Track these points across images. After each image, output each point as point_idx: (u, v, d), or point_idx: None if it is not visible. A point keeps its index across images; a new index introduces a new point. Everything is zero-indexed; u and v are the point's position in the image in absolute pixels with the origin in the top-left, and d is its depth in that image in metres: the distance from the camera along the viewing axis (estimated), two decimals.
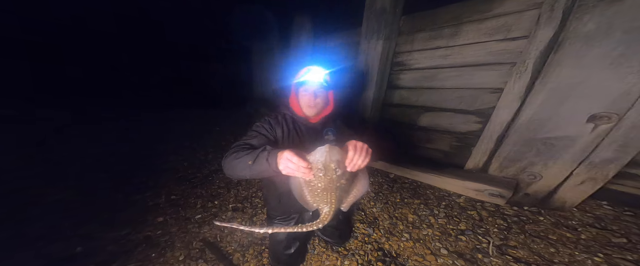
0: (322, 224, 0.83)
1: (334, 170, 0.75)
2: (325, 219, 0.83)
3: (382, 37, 2.14)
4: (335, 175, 0.76)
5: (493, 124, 1.67)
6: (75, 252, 1.61)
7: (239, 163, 0.86)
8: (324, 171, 0.74)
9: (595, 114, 1.23)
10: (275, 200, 1.21)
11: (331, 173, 0.75)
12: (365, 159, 0.76)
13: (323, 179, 0.77)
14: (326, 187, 0.79)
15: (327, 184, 0.78)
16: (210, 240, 1.71)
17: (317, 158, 0.74)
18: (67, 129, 4.20)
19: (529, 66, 1.41)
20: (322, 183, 0.78)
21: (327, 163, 0.73)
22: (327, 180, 0.77)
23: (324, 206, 0.83)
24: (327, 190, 0.80)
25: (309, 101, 1.04)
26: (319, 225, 0.82)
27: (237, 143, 1.00)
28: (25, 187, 2.37)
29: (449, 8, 1.80)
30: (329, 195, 0.81)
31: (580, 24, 1.19)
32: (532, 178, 1.57)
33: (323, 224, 0.83)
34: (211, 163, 3.07)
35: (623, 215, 1.45)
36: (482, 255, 1.31)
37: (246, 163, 0.84)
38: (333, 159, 0.73)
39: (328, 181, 0.77)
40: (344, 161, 0.76)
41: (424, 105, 2.19)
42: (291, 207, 1.24)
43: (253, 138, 1.02)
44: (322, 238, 1.58)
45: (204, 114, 5.62)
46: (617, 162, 1.26)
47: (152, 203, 2.17)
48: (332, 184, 0.78)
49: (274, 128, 1.08)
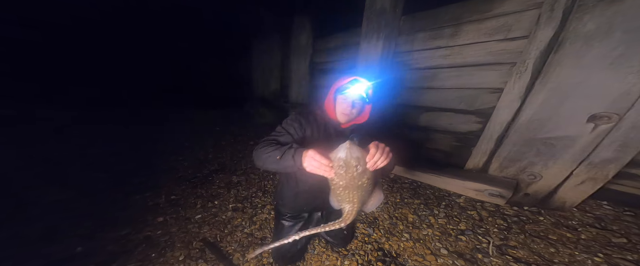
0: (344, 223, 0.85)
1: (355, 167, 0.75)
2: (348, 219, 0.85)
3: (382, 37, 2.14)
4: (356, 172, 0.76)
5: (493, 124, 1.67)
6: (75, 252, 1.61)
7: (268, 157, 0.94)
8: (345, 168, 0.75)
9: (595, 114, 1.23)
10: (292, 196, 1.25)
11: (352, 170, 0.75)
12: (385, 159, 0.77)
13: (344, 177, 0.77)
14: (347, 185, 0.79)
15: (349, 182, 0.78)
16: (210, 240, 1.71)
17: (338, 154, 0.76)
18: (67, 129, 4.20)
19: (529, 66, 1.41)
20: (343, 180, 0.78)
21: (348, 160, 0.74)
22: (348, 178, 0.77)
23: (346, 204, 0.85)
24: (349, 188, 0.80)
25: (345, 109, 1.06)
26: (342, 224, 0.85)
27: (266, 138, 1.06)
28: (25, 187, 2.37)
29: (449, 8, 1.81)
30: (350, 194, 0.82)
31: (580, 24, 1.19)
32: (532, 178, 1.57)
33: (346, 223, 0.85)
34: (211, 163, 3.07)
35: (623, 215, 1.45)
36: (482, 255, 1.31)
37: (275, 158, 0.91)
38: (353, 156, 0.74)
39: (349, 179, 0.77)
40: (365, 159, 0.76)
41: (424, 105, 2.19)
42: (305, 205, 1.28)
43: (281, 135, 1.07)
44: (326, 238, 1.58)
45: (204, 114, 5.62)
46: (617, 162, 1.26)
47: (152, 203, 2.17)
48: (353, 182, 0.78)
49: (304, 127, 1.11)
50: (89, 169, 2.86)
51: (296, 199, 1.26)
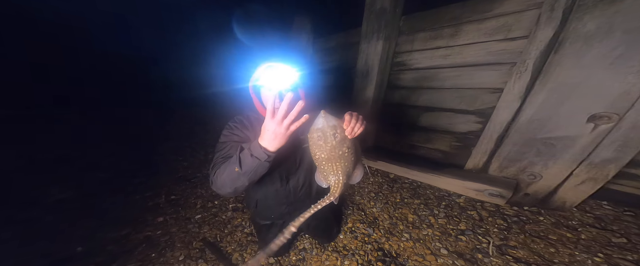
0: (333, 197, 0.84)
1: (333, 135, 0.74)
2: (335, 192, 0.83)
3: (382, 37, 2.14)
4: (335, 141, 0.75)
5: (493, 124, 1.67)
6: (75, 252, 1.61)
7: (227, 177, 0.81)
8: (324, 138, 0.75)
9: (595, 114, 1.23)
10: (253, 206, 1.20)
11: (331, 139, 0.75)
12: (361, 126, 0.77)
13: (324, 148, 0.76)
14: (329, 156, 0.78)
15: (330, 152, 0.77)
16: (210, 240, 1.71)
17: (315, 126, 0.75)
18: (67, 129, 4.20)
19: (529, 66, 1.41)
20: (324, 152, 0.77)
21: (325, 129, 0.74)
22: (329, 148, 0.76)
23: (331, 177, 0.84)
24: (331, 160, 0.79)
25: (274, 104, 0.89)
26: (331, 199, 0.84)
27: (213, 163, 0.93)
28: (25, 187, 2.37)
29: (449, 8, 1.80)
30: (334, 165, 0.81)
31: (580, 24, 1.18)
32: (532, 178, 1.57)
33: (335, 197, 0.84)
34: (211, 163, 3.07)
35: (623, 215, 1.45)
36: (482, 255, 1.31)
37: (234, 172, 0.79)
38: (330, 124, 0.74)
39: (330, 149, 0.77)
40: (342, 127, 0.76)
41: (424, 105, 2.19)
42: (270, 212, 1.22)
43: (229, 149, 0.94)
44: (311, 235, 1.59)
45: (204, 114, 5.62)
46: (617, 162, 1.26)
47: (152, 203, 2.17)
48: (334, 152, 0.77)
49: (243, 131, 1.00)
50: (89, 169, 2.86)
51: (257, 207, 1.19)
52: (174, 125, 4.93)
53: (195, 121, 5.20)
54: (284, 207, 1.21)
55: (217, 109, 5.59)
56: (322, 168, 0.84)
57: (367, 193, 2.05)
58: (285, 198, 1.17)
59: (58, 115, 4.86)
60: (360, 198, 2.01)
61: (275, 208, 1.20)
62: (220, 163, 0.87)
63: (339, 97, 3.01)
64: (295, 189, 1.16)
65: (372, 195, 2.01)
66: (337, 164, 0.80)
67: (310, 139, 0.78)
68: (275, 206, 1.20)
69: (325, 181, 0.87)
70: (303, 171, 1.14)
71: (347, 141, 0.78)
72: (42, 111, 4.91)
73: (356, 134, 0.77)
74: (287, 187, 1.14)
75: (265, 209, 1.21)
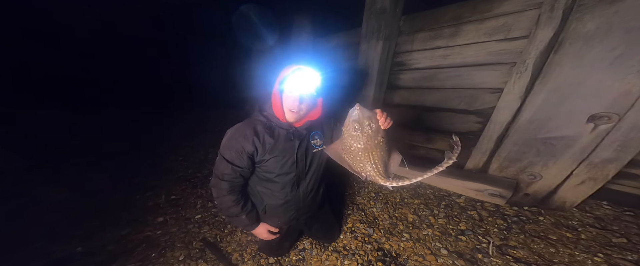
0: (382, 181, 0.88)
1: (369, 125, 0.80)
2: (379, 179, 0.87)
3: (382, 37, 2.14)
4: (371, 131, 0.80)
5: (493, 124, 1.67)
6: (75, 252, 1.61)
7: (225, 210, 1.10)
8: (361, 129, 0.80)
9: (595, 114, 1.23)
10: (261, 212, 1.19)
11: (367, 129, 0.80)
12: (391, 121, 0.85)
13: (361, 138, 0.81)
14: (366, 146, 0.83)
15: (366, 142, 0.82)
16: (210, 240, 1.71)
17: (351, 119, 0.80)
18: (67, 128, 4.20)
19: (529, 66, 1.41)
20: (361, 142, 0.82)
21: (361, 120, 0.80)
22: (365, 138, 0.81)
23: (368, 167, 0.87)
24: (368, 149, 0.84)
25: (292, 105, 0.91)
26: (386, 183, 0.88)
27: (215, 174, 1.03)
28: (26, 187, 2.37)
29: (449, 8, 1.80)
30: (370, 155, 0.85)
31: (580, 24, 1.18)
32: (532, 178, 1.57)
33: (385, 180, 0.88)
34: (211, 163, 3.06)
35: (623, 215, 1.45)
36: (482, 255, 1.31)
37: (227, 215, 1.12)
38: (365, 115, 0.80)
39: (366, 139, 0.82)
40: (376, 117, 0.82)
41: (424, 105, 2.18)
42: (278, 218, 1.22)
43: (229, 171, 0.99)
44: (312, 237, 1.59)
45: (204, 114, 5.62)
46: (617, 162, 1.26)
47: (152, 203, 2.17)
48: (370, 141, 0.82)
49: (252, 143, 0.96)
50: (89, 169, 2.86)
51: (266, 214, 1.20)
52: (174, 125, 4.93)
53: (196, 121, 5.20)
54: (293, 213, 1.21)
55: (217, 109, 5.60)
56: (358, 159, 0.87)
57: (367, 193, 2.05)
58: (294, 204, 1.17)
59: (58, 115, 4.86)
60: (360, 198, 2.01)
61: (283, 213, 1.20)
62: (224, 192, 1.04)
63: (339, 97, 3.01)
64: (304, 194, 1.17)
65: (372, 195, 2.01)
66: (374, 153, 0.85)
67: (346, 131, 0.84)
68: (283, 212, 1.19)
69: (363, 171, 0.90)
70: (312, 175, 1.15)
71: (381, 131, 0.83)
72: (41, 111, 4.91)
73: (388, 126, 0.84)
74: (297, 193, 1.14)
75: (274, 216, 1.20)
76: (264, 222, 1.22)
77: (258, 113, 1.03)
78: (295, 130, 1.02)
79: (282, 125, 1.00)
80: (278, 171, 1.04)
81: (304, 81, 0.88)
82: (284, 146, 1.00)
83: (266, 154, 0.98)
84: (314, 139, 1.08)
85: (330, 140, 1.16)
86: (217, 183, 1.03)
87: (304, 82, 0.88)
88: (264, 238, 1.25)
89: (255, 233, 1.20)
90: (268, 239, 1.24)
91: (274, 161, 1.01)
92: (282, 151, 1.00)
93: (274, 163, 1.01)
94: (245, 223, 1.13)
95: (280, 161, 1.01)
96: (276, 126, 1.00)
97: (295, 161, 1.04)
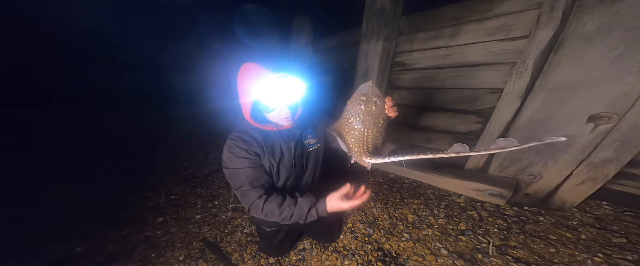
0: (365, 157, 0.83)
1: (374, 102, 0.79)
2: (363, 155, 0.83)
3: (382, 37, 2.14)
4: (375, 107, 0.80)
5: (493, 124, 1.67)
6: (75, 252, 1.61)
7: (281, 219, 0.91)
8: (365, 102, 0.79)
9: (595, 114, 1.23)
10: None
11: (371, 105, 0.79)
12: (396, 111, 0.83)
13: (363, 112, 0.80)
14: (364, 121, 0.81)
15: (366, 117, 0.80)
16: (210, 240, 1.71)
17: (360, 91, 0.81)
18: (67, 128, 4.20)
19: (529, 66, 1.41)
20: (361, 115, 0.80)
21: (370, 95, 0.79)
22: (367, 111, 0.80)
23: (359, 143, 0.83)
24: (365, 124, 0.81)
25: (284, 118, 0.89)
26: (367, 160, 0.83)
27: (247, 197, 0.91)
28: (26, 187, 2.37)
29: (449, 8, 1.80)
30: (366, 131, 0.82)
31: (580, 24, 1.18)
32: (532, 178, 1.57)
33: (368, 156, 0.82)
34: (211, 163, 3.07)
35: (623, 215, 1.45)
36: (482, 255, 1.31)
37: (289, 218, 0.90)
38: (375, 92, 0.80)
39: (367, 113, 0.80)
40: (383, 100, 0.81)
41: (424, 105, 2.18)
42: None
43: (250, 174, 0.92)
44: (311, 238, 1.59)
45: (204, 114, 5.62)
46: (617, 162, 1.26)
47: (152, 203, 2.17)
48: (370, 117, 0.81)
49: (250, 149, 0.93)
50: (89, 169, 2.86)
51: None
52: (174, 125, 4.93)
53: (196, 121, 5.20)
54: None
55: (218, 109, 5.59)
56: (352, 133, 0.83)
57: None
58: None
59: (57, 115, 4.86)
60: None
61: None
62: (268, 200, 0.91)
63: (339, 97, 3.01)
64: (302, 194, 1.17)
65: (372, 195, 2.01)
66: (369, 132, 0.82)
67: (350, 103, 0.82)
68: None
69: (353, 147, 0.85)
70: (310, 175, 1.16)
71: (384, 114, 0.82)
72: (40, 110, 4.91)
73: (393, 114, 0.83)
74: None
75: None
76: (265, 223, 1.22)
77: (245, 121, 0.97)
78: (287, 132, 1.01)
79: (271, 131, 0.99)
80: (278, 175, 1.04)
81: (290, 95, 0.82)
82: (280, 149, 1.01)
83: (266, 159, 0.98)
84: (307, 138, 1.09)
85: (324, 138, 1.17)
86: (250, 198, 0.90)
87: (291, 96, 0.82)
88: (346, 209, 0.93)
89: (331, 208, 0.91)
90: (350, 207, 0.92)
91: (274, 166, 1.01)
92: (278, 154, 1.00)
93: (274, 167, 1.01)
94: (311, 212, 0.91)
95: (279, 165, 1.02)
96: (269, 131, 0.99)
97: (292, 163, 1.05)
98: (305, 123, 1.08)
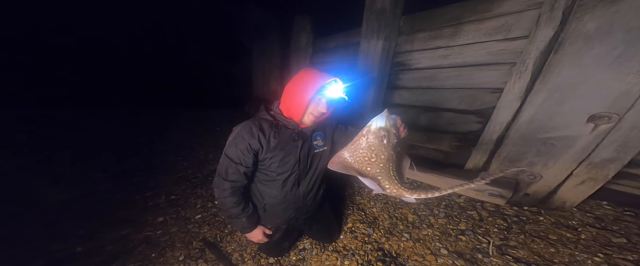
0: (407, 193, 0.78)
1: (395, 135, 0.72)
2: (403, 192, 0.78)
3: (382, 37, 2.14)
4: (395, 140, 0.73)
5: (493, 124, 1.67)
6: (75, 252, 1.61)
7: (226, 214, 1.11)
8: (387, 137, 0.70)
9: (595, 114, 1.23)
10: (261, 210, 1.19)
11: (393, 138, 0.72)
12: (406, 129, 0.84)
13: (386, 148, 0.72)
14: (389, 157, 0.74)
15: (389, 151, 0.73)
16: (210, 240, 1.71)
17: (378, 125, 0.70)
18: (67, 129, 4.20)
19: (529, 66, 1.41)
20: (386, 153, 0.72)
21: (389, 128, 0.70)
22: (390, 147, 0.72)
23: (388, 179, 0.77)
24: (391, 160, 0.75)
25: (320, 111, 0.96)
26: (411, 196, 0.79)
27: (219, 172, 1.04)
28: (26, 187, 2.37)
29: (449, 8, 1.80)
30: (392, 166, 0.76)
31: (580, 24, 1.18)
32: (532, 178, 1.57)
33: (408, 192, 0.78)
34: (211, 163, 3.07)
35: (623, 215, 1.45)
36: (482, 255, 1.31)
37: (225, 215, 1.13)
38: (392, 123, 0.71)
39: (391, 149, 0.73)
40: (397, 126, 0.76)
41: (424, 105, 2.19)
42: (277, 217, 1.22)
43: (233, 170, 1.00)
44: (311, 238, 1.60)
45: (204, 114, 5.62)
46: (617, 162, 1.26)
47: (152, 203, 2.17)
48: (393, 151, 0.74)
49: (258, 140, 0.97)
50: (89, 169, 2.86)
51: (266, 212, 1.19)
52: (174, 125, 4.93)
53: (196, 121, 5.20)
54: (292, 212, 1.21)
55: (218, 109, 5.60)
56: (378, 171, 0.77)
57: (367, 193, 2.05)
58: (294, 203, 1.17)
59: (56, 114, 4.86)
60: (360, 198, 2.01)
61: (283, 213, 1.20)
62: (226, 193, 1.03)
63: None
64: (304, 194, 1.17)
65: (372, 195, 2.01)
66: (392, 165, 0.77)
67: (368, 140, 0.73)
68: (283, 211, 1.19)
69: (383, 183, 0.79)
70: (312, 175, 1.16)
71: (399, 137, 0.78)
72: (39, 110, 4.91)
73: (404, 135, 0.84)
74: (297, 192, 1.15)
75: (274, 214, 1.20)
76: (263, 221, 1.23)
77: (264, 112, 1.05)
78: (300, 130, 1.04)
79: (289, 124, 1.02)
80: (280, 169, 1.05)
81: (337, 92, 0.95)
82: (288, 145, 1.02)
83: (269, 152, 1.00)
84: (316, 140, 1.10)
85: (331, 141, 1.17)
86: (220, 183, 1.02)
87: (337, 93, 0.95)
88: (256, 242, 1.26)
89: (250, 236, 1.19)
90: (261, 242, 1.25)
91: (277, 160, 1.02)
92: (285, 150, 1.02)
93: (276, 162, 1.02)
94: (243, 225, 1.13)
95: (282, 160, 1.02)
96: (282, 125, 1.02)
97: (297, 160, 1.05)
98: (318, 126, 1.11)
